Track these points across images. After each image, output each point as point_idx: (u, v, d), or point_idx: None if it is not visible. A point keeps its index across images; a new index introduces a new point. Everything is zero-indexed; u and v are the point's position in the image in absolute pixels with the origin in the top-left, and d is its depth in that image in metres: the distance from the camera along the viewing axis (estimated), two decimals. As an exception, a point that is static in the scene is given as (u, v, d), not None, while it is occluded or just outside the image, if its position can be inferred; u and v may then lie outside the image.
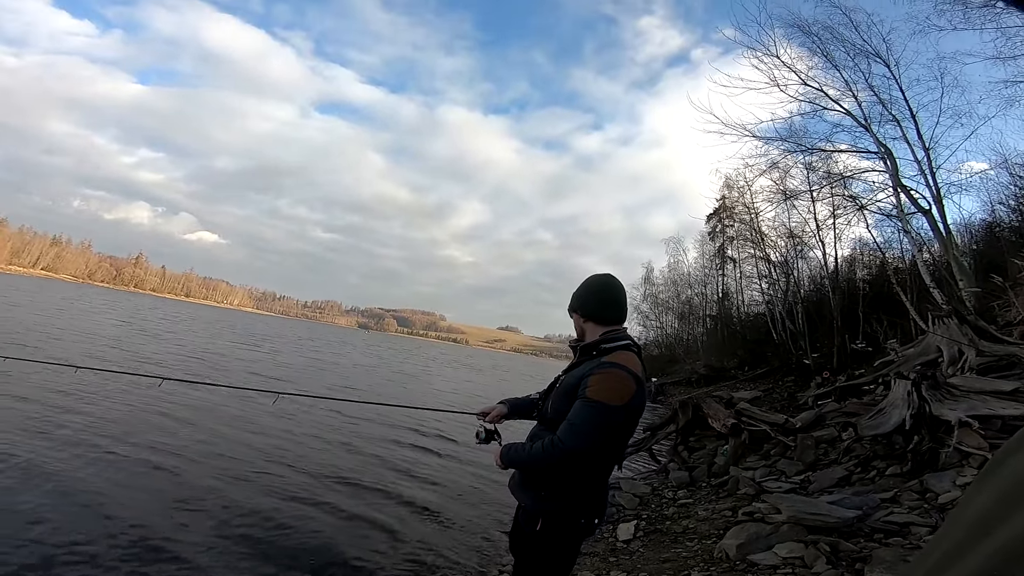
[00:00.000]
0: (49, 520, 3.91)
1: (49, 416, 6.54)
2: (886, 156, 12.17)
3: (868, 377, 9.22)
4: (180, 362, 14.29)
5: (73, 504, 4.28)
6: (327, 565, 4.00)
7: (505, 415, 2.28)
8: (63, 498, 4.35)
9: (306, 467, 6.24)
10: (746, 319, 26.42)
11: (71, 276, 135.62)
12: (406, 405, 10.10)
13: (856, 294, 16.20)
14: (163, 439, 6.42)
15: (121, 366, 10.97)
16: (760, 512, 4.61)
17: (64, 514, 4.07)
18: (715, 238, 30.14)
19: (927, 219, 11.57)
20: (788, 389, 14.09)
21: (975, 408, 4.91)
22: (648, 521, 5.44)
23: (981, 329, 7.16)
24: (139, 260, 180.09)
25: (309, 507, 5.05)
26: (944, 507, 3.68)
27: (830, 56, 12.83)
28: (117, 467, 5.28)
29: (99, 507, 4.29)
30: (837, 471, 5.41)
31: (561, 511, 1.85)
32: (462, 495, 6.37)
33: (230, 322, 55.57)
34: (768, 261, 21.92)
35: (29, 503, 4.14)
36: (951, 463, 4.39)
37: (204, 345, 21.35)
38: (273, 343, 31.33)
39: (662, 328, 37.54)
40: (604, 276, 2.09)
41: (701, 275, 32.55)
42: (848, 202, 14.52)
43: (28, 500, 4.20)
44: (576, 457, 1.74)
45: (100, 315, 28.72)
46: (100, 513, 4.19)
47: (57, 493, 4.42)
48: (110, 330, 20.71)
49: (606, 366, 1.82)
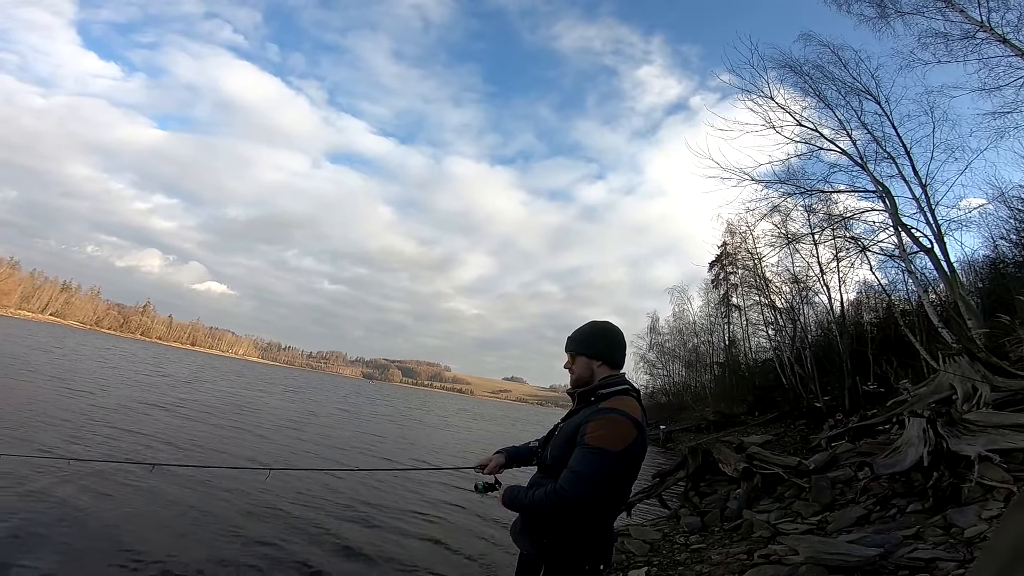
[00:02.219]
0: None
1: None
2: (884, 195, 12.25)
3: (881, 417, 8.97)
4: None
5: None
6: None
7: (503, 465, 2.25)
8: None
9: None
10: (754, 365, 26.10)
11: (79, 322, 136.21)
12: (409, 468, 9.69)
13: (864, 336, 16.05)
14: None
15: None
16: (777, 554, 4.39)
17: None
18: (719, 285, 30.25)
19: (930, 258, 11.48)
20: (800, 432, 13.73)
21: (994, 442, 4.75)
22: (659, 567, 5.21)
23: (994, 365, 7.02)
24: (146, 308, 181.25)
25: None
26: (971, 541, 3.49)
27: (822, 95, 13.12)
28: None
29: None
30: (855, 510, 5.18)
31: (565, 558, 1.79)
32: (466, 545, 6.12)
33: (262, 374, 54.41)
34: (774, 308, 21.84)
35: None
36: (974, 497, 4.20)
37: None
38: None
39: (669, 376, 37.14)
40: (607, 322, 2.09)
41: (707, 323, 32.49)
42: (850, 244, 14.56)
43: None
44: (579, 507, 1.70)
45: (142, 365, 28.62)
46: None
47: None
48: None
49: (605, 412, 1.80)
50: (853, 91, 12.76)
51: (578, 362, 2.01)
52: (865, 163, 12.60)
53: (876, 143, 12.53)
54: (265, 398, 24.46)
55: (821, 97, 13.13)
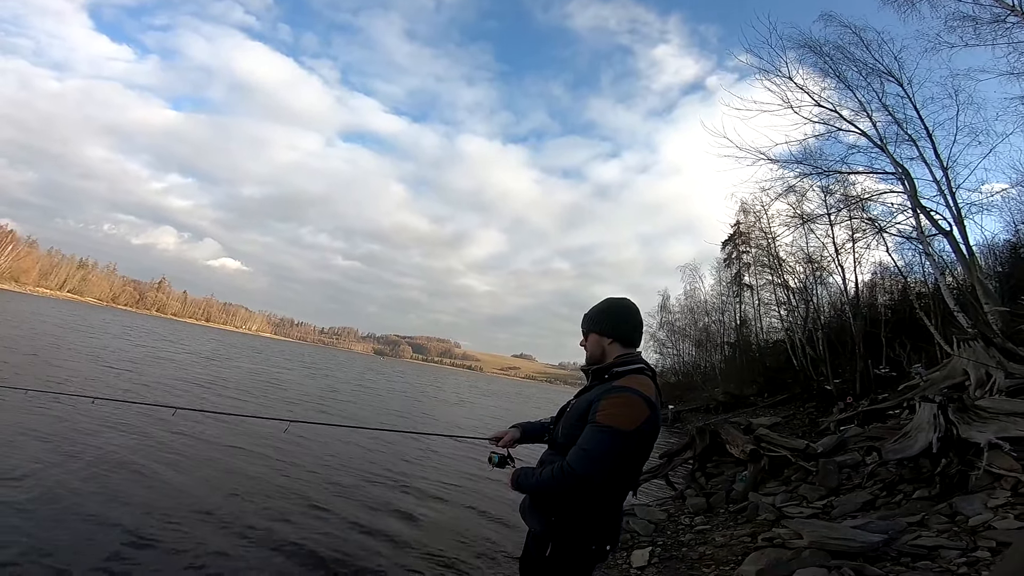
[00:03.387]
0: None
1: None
2: (903, 177, 11.94)
3: (892, 401, 8.93)
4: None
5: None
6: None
7: (518, 439, 2.25)
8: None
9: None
10: (765, 346, 25.96)
11: (96, 299, 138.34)
12: (424, 432, 10.13)
13: (878, 319, 15.85)
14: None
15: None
16: (780, 538, 4.45)
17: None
18: (731, 264, 29.95)
19: (948, 241, 11.23)
20: (809, 415, 13.71)
21: (1005, 430, 4.71)
22: (664, 548, 5.28)
23: (1009, 351, 6.92)
24: (162, 285, 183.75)
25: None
26: (976, 529, 3.49)
27: (843, 76, 12.73)
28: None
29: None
30: (861, 495, 5.20)
31: (572, 537, 1.80)
32: (476, 518, 6.29)
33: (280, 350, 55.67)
34: (786, 287, 21.61)
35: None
36: (981, 485, 4.19)
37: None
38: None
39: (679, 355, 37.12)
40: (624, 299, 2.05)
41: (718, 302, 32.28)
42: (867, 225, 14.22)
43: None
44: (586, 484, 1.69)
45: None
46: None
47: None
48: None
49: (617, 390, 1.77)
50: (875, 72, 12.35)
51: (590, 339, 2.00)
52: (885, 145, 12.24)
53: (897, 125, 12.16)
54: (288, 374, 25.49)
55: (841, 78, 12.73)
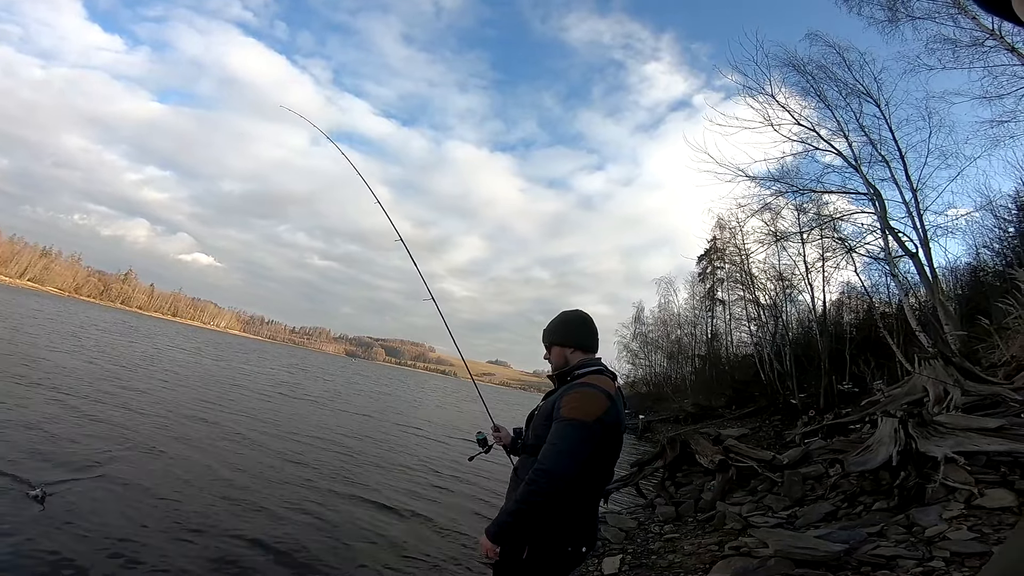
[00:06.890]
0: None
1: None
2: (875, 198, 12.37)
3: (855, 416, 9.18)
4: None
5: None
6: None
7: (511, 438, 2.41)
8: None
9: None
10: (734, 359, 26.46)
11: (57, 289, 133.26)
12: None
13: (844, 336, 16.30)
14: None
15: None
16: (747, 546, 4.51)
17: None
18: (705, 280, 30.48)
19: (914, 262, 11.68)
20: (775, 428, 13.98)
21: (961, 444, 4.89)
22: (634, 555, 5.32)
23: (966, 370, 7.20)
24: (128, 277, 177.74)
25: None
26: (932, 540, 3.62)
27: (823, 96, 13.14)
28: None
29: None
30: (824, 506, 5.33)
31: (548, 539, 1.81)
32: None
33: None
34: (757, 304, 22.12)
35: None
36: (937, 498, 4.35)
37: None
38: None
39: (651, 366, 37.52)
40: (578, 310, 2.23)
41: (691, 315, 32.76)
42: (837, 244, 14.74)
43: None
44: (562, 479, 1.72)
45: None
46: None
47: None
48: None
49: (577, 387, 1.90)
50: (854, 93, 12.80)
51: (553, 351, 2.16)
52: (859, 165, 12.68)
53: (872, 146, 12.63)
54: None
55: (822, 97, 13.17)
